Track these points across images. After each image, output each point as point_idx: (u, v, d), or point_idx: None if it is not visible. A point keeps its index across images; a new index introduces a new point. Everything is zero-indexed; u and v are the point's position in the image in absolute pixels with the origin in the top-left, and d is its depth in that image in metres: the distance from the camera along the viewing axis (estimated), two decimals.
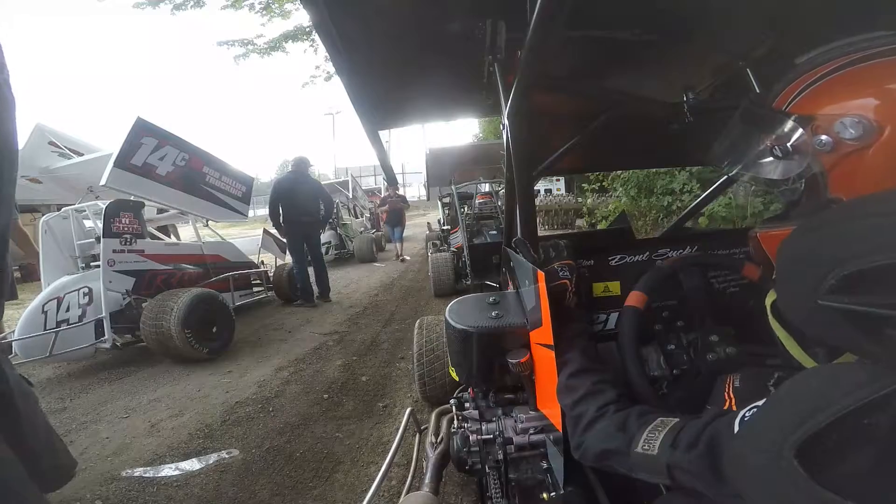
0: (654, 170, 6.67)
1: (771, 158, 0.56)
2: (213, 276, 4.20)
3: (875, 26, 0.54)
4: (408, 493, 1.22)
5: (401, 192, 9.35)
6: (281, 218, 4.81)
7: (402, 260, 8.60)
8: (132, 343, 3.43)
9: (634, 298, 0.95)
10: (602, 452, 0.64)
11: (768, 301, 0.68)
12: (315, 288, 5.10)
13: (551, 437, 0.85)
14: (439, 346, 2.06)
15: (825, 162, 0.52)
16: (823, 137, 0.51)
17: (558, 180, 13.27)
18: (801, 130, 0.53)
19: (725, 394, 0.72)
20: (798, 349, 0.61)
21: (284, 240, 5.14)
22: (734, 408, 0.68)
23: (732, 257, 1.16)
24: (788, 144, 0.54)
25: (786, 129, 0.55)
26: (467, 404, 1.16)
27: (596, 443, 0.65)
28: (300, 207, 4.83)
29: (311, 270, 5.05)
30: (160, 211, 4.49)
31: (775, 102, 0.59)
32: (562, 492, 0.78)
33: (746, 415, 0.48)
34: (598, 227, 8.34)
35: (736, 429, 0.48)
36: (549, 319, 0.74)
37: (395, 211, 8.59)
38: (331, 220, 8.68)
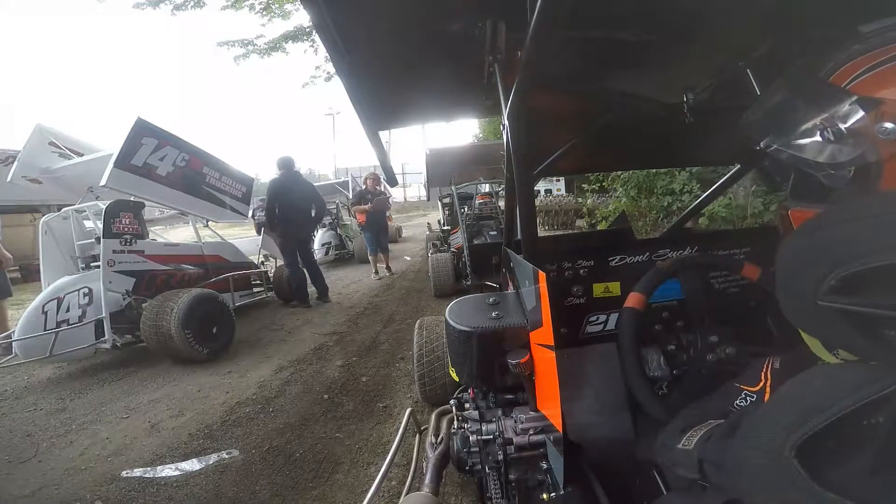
0: (654, 170, 6.67)
1: (819, 139, 0.50)
2: (213, 276, 4.20)
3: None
4: (408, 493, 1.22)
5: (383, 187, 6.85)
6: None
7: (387, 271, 6.86)
8: (132, 343, 3.43)
9: (634, 300, 0.95)
10: (661, 446, 0.66)
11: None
12: (312, 290, 5.10)
13: (551, 437, 0.85)
14: (439, 347, 2.06)
15: (885, 152, 0.46)
16: (888, 125, 0.45)
17: (558, 180, 13.27)
18: (862, 113, 0.47)
19: (762, 373, 0.70)
20: (820, 347, 0.60)
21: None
22: (768, 388, 0.68)
23: (732, 258, 1.16)
24: (844, 126, 0.48)
25: (844, 109, 0.48)
26: (467, 405, 1.16)
27: (661, 438, 0.67)
28: (295, 209, 4.80)
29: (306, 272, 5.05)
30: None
31: (833, 76, 0.51)
32: (562, 492, 0.78)
33: None
34: (598, 227, 8.34)
35: None
36: (549, 320, 0.73)
37: (380, 213, 6.41)
38: (331, 221, 8.67)
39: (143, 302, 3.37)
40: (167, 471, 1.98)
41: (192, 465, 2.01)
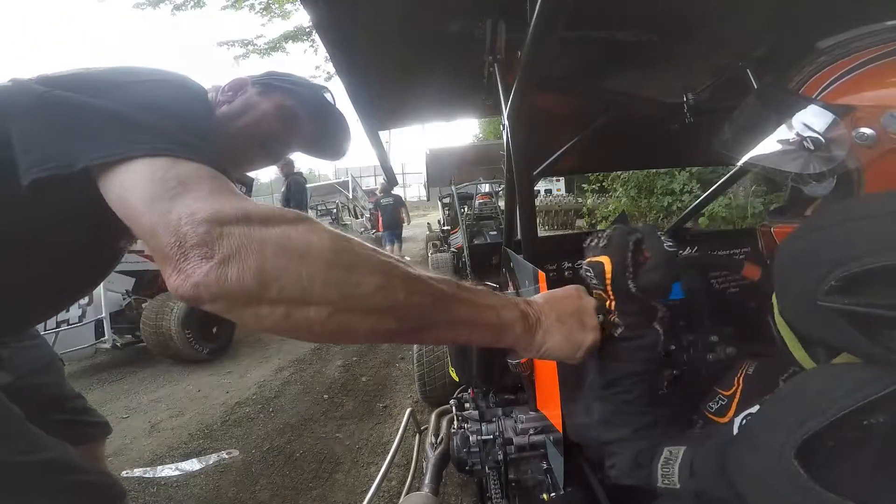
0: (654, 170, 6.68)
1: (798, 150, 0.51)
2: None
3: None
4: (408, 493, 1.22)
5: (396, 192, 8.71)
6: None
7: None
8: (132, 343, 3.43)
9: None
10: (632, 487, 0.64)
11: (776, 299, 0.67)
12: None
13: (551, 437, 0.85)
14: (439, 347, 2.06)
15: (864, 157, 0.47)
16: (865, 130, 0.46)
17: (558, 180, 13.27)
18: (838, 121, 0.48)
19: (736, 379, 0.70)
20: (801, 352, 0.60)
21: None
22: (738, 395, 0.68)
23: (732, 258, 1.16)
24: (821, 136, 0.49)
25: (819, 119, 0.49)
26: (467, 405, 1.16)
27: (622, 477, 0.64)
28: (301, 208, 4.92)
29: None
30: None
31: (804, 88, 0.53)
32: (562, 492, 0.78)
33: (744, 421, 0.48)
34: (598, 227, 8.35)
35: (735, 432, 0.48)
36: None
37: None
38: (331, 221, 8.71)
39: (143, 302, 3.37)
40: (167, 471, 1.98)
41: (192, 465, 2.01)
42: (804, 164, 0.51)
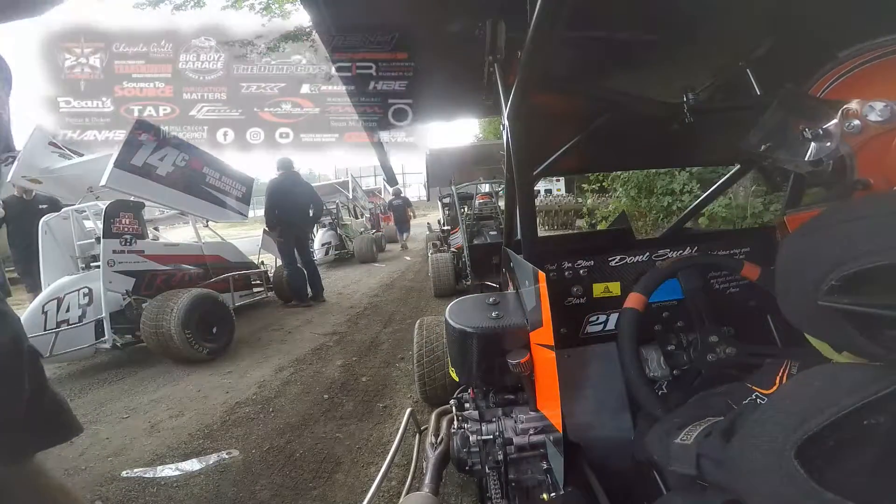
0: (654, 170, 6.67)
1: (802, 141, 0.61)
2: (213, 276, 4.20)
3: (876, 26, 0.56)
4: (408, 493, 1.22)
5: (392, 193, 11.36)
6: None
7: (404, 248, 10.29)
8: (132, 343, 3.43)
9: (633, 300, 0.95)
10: (657, 439, 0.67)
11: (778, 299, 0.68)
12: (309, 290, 5.12)
13: (551, 437, 0.85)
14: (439, 347, 2.06)
15: (853, 144, 0.56)
16: (853, 121, 0.55)
17: (558, 180, 13.26)
18: (832, 114, 0.57)
19: (778, 377, 0.72)
20: (825, 345, 0.60)
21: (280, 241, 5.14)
22: None
23: (732, 258, 1.16)
24: (821, 128, 0.58)
25: (820, 114, 0.59)
26: (467, 405, 1.16)
27: (652, 436, 0.69)
28: (293, 210, 4.86)
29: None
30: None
31: (811, 90, 0.64)
32: (561, 492, 0.78)
33: None
34: (598, 227, 8.35)
35: None
36: (549, 320, 0.74)
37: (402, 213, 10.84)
38: (331, 221, 8.69)
39: (143, 302, 3.37)
40: (167, 471, 1.97)
41: (192, 465, 2.01)
42: (808, 152, 0.60)
